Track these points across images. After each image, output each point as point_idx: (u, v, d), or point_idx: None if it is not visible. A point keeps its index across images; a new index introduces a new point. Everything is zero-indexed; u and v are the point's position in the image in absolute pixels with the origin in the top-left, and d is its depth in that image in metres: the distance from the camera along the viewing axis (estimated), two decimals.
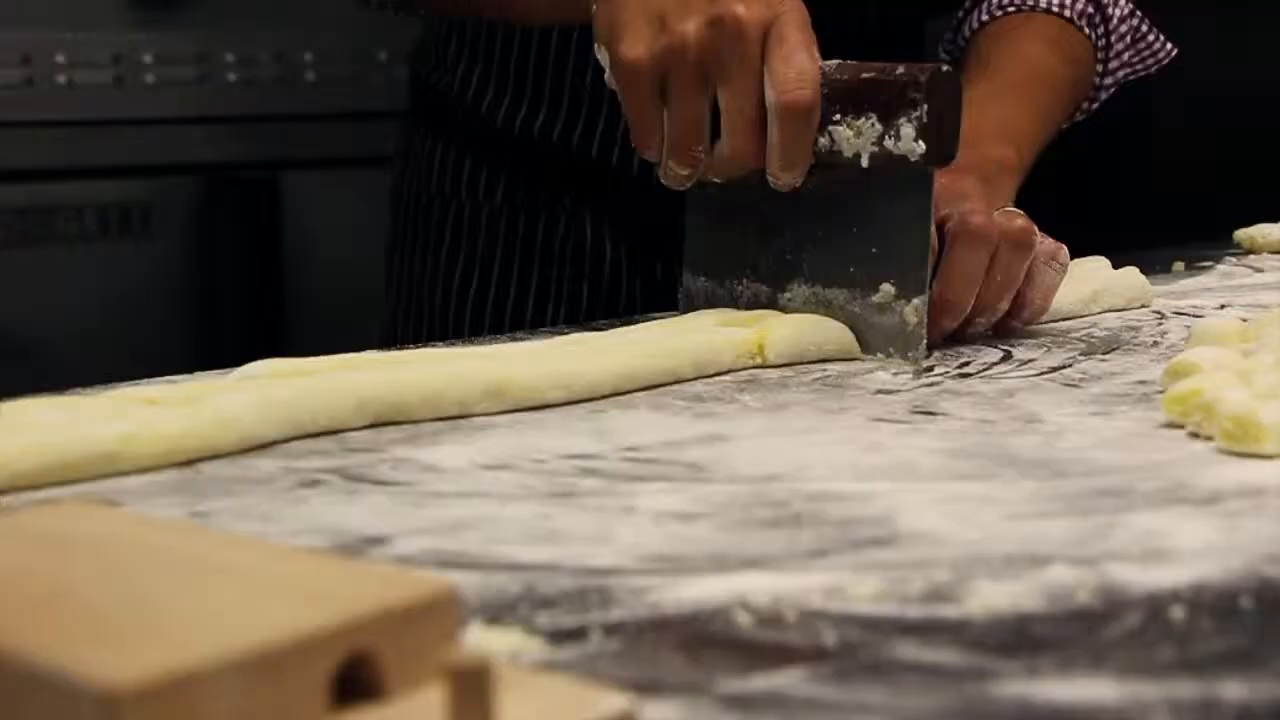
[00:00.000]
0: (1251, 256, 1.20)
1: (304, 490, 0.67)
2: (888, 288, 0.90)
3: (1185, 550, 0.56)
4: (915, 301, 0.89)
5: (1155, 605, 0.51)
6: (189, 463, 0.71)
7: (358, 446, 0.73)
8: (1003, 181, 1.01)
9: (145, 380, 0.83)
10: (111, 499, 0.66)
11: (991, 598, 0.52)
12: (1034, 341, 0.94)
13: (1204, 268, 1.15)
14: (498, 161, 1.26)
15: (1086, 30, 1.21)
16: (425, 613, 0.41)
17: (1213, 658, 0.47)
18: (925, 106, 0.86)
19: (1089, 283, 1.02)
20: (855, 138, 0.88)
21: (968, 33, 1.24)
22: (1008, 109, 1.09)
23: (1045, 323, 0.99)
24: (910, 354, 0.89)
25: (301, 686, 0.38)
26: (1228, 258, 1.19)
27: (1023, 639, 0.49)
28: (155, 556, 0.44)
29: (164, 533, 0.46)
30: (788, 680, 0.46)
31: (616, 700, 0.40)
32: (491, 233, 1.26)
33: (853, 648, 0.48)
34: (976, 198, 0.94)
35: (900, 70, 0.88)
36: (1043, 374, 0.86)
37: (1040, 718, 0.43)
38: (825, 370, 0.88)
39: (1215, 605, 0.51)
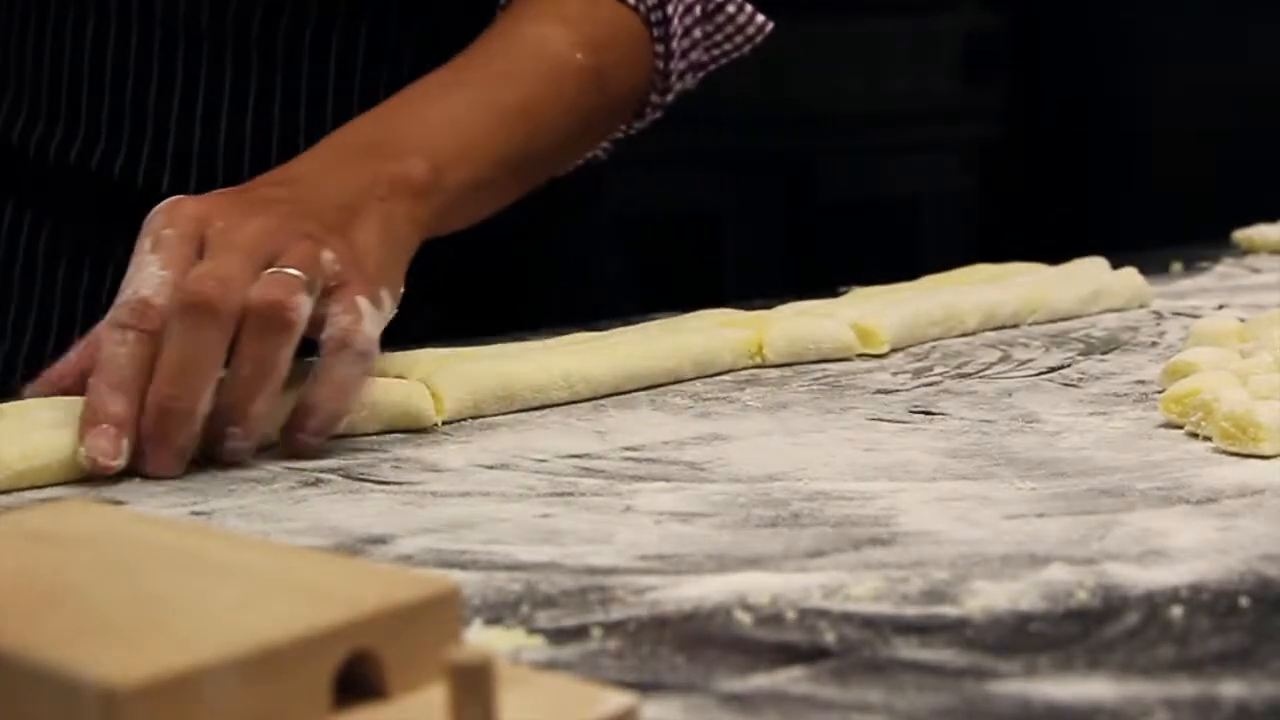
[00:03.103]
0: (1250, 257, 1.20)
1: (305, 489, 0.67)
2: None
3: (1183, 550, 0.57)
4: None
5: (1153, 605, 0.51)
6: (191, 461, 0.71)
7: (359, 446, 0.73)
8: (391, 210, 0.78)
9: None
10: (114, 498, 0.66)
11: (990, 597, 0.52)
12: (1032, 342, 0.95)
13: (1202, 268, 1.15)
14: (36, 203, 1.00)
15: (635, 3, 0.95)
16: (427, 612, 0.41)
17: (1211, 657, 0.47)
18: None
19: (1088, 283, 1.02)
20: None
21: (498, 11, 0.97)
22: (453, 107, 0.85)
23: (1044, 323, 0.99)
24: None
25: (303, 685, 0.38)
26: (1226, 258, 1.18)
27: (1021, 638, 0.49)
28: (157, 555, 0.44)
29: (166, 532, 0.47)
30: (787, 679, 0.46)
31: (617, 699, 0.40)
32: (25, 294, 1.00)
33: (852, 647, 0.48)
34: (236, 250, 0.70)
35: None
36: (1041, 374, 0.86)
37: (1039, 717, 0.43)
38: (825, 370, 0.88)
39: (1213, 605, 0.51)
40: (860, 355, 0.91)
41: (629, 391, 0.82)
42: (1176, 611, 0.51)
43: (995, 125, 2.54)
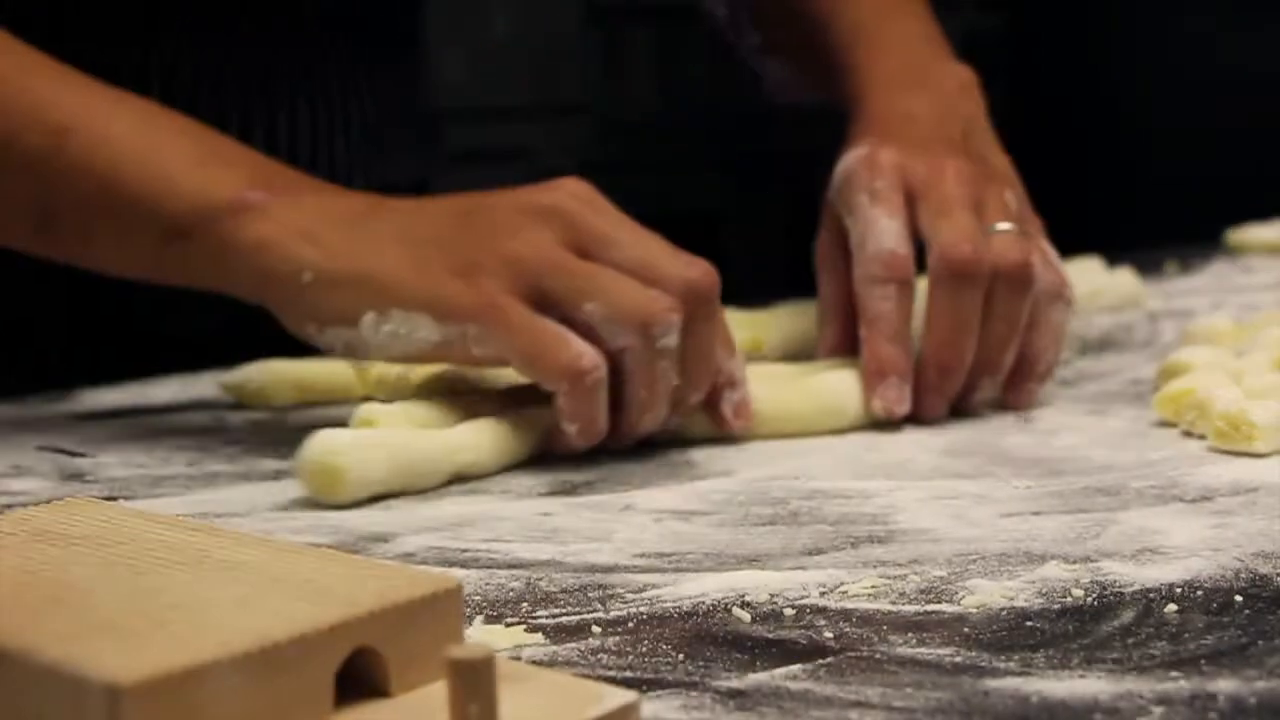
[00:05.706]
0: (1243, 257, 1.20)
1: None
2: None
3: (1178, 548, 0.57)
4: None
5: (1148, 602, 0.52)
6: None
7: None
8: (970, 106, 0.84)
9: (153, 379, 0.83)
10: (115, 497, 0.66)
11: (987, 594, 0.53)
12: None
13: (1197, 268, 1.16)
14: None
15: None
16: (428, 609, 0.41)
17: (1205, 654, 0.47)
18: None
19: (1083, 283, 1.02)
20: None
21: None
22: (898, 25, 0.88)
23: None
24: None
25: (305, 682, 0.39)
26: (1220, 259, 1.19)
27: (1017, 635, 0.49)
28: (160, 553, 0.44)
29: (169, 530, 0.47)
30: (785, 676, 0.46)
31: (617, 695, 0.40)
32: None
33: (850, 644, 0.49)
34: (960, 204, 0.76)
35: None
36: None
37: (1034, 713, 0.44)
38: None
39: (1207, 602, 0.52)
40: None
41: None
42: (1171, 609, 0.51)
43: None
